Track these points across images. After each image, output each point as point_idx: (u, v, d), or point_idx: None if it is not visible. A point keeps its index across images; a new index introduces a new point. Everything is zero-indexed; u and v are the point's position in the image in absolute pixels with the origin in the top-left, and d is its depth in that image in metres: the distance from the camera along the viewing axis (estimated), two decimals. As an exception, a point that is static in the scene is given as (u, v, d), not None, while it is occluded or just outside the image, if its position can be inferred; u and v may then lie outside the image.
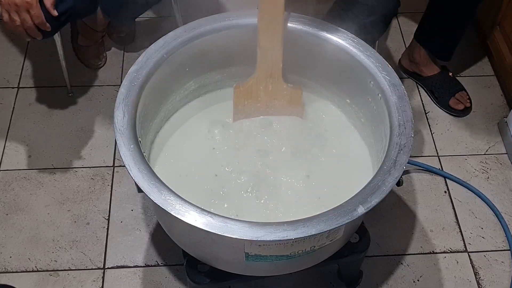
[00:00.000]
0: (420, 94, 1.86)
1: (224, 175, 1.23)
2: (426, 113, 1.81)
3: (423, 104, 1.83)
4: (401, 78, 1.19)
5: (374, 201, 0.99)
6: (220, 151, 1.27)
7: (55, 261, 1.47)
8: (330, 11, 1.49)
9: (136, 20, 1.92)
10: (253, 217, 1.16)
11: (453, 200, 1.61)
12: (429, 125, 1.78)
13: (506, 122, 1.72)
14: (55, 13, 1.33)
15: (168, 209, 0.97)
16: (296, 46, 1.29)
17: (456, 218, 1.58)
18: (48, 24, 1.34)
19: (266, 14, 1.19)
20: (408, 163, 1.06)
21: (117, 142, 1.05)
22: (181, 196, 0.99)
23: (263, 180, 1.22)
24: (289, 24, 1.26)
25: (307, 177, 1.23)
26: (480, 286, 1.45)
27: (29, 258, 1.47)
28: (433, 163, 1.68)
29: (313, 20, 1.26)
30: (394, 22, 2.06)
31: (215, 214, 0.97)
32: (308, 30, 1.25)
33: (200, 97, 1.36)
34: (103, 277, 1.45)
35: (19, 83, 1.85)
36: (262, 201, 1.18)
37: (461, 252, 1.51)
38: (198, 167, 1.24)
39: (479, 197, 1.61)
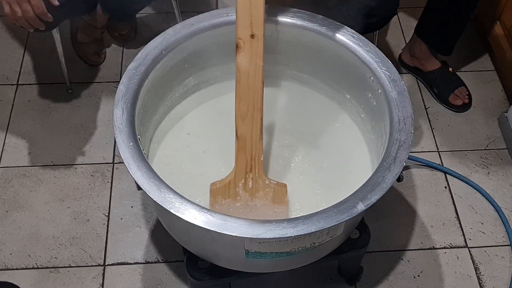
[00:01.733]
0: (420, 89, 1.85)
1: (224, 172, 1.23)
2: (426, 109, 1.80)
3: (423, 99, 1.82)
4: (401, 73, 1.19)
5: (374, 198, 0.99)
6: (218, 146, 1.27)
7: (55, 258, 1.47)
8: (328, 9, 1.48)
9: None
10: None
11: (453, 196, 1.61)
12: (429, 121, 1.77)
13: (506, 117, 1.72)
14: (55, 2, 1.34)
15: (168, 207, 0.97)
16: (295, 42, 1.28)
17: (457, 214, 1.58)
18: (49, 15, 1.34)
19: (244, 99, 1.11)
20: (408, 158, 1.06)
21: (116, 140, 1.05)
22: (181, 194, 0.99)
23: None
24: (288, 20, 1.25)
25: (306, 173, 1.23)
26: (481, 281, 1.45)
27: (29, 255, 1.47)
28: (434, 158, 1.68)
29: (312, 15, 1.26)
30: (395, 17, 2.05)
31: (215, 212, 0.97)
32: (307, 26, 1.25)
33: (199, 91, 1.36)
34: (103, 274, 1.45)
35: (18, 80, 1.85)
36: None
37: (461, 247, 1.51)
38: (198, 165, 1.24)
39: (479, 192, 1.61)
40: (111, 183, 1.61)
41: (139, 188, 1.00)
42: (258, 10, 1.13)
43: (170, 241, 1.26)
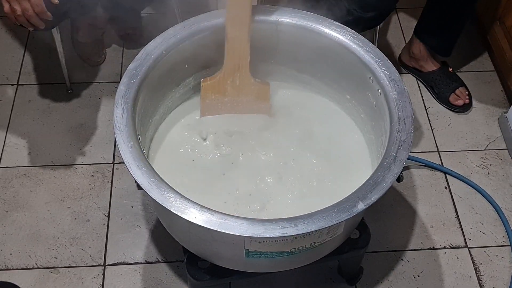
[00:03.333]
0: (420, 89, 1.85)
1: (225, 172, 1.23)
2: (426, 109, 1.80)
3: (423, 99, 1.83)
4: (401, 73, 1.19)
5: (374, 197, 0.99)
6: (219, 147, 1.27)
7: (56, 258, 1.47)
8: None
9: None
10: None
11: (453, 196, 1.61)
12: (429, 121, 1.77)
13: (506, 117, 1.72)
14: (55, 1, 1.34)
15: (168, 206, 0.97)
16: (295, 42, 1.29)
17: (457, 214, 1.58)
18: (49, 13, 1.34)
19: (234, 5, 1.19)
20: (408, 158, 1.06)
21: (117, 139, 1.05)
22: (181, 193, 0.99)
23: (263, 174, 1.22)
24: (288, 20, 1.26)
25: (307, 173, 1.23)
26: (481, 281, 1.45)
27: (29, 255, 1.47)
28: (434, 158, 1.68)
29: (312, 15, 1.26)
30: (394, 18, 2.06)
31: (215, 211, 0.97)
32: (307, 26, 1.25)
33: (199, 91, 1.36)
34: (103, 274, 1.45)
35: (18, 80, 1.85)
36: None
37: (461, 247, 1.51)
38: (197, 163, 1.24)
39: (480, 192, 1.61)
40: (111, 183, 1.61)
41: (139, 187, 1.00)
42: None
43: (170, 241, 1.26)
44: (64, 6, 1.40)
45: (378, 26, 1.72)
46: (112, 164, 1.65)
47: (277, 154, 1.25)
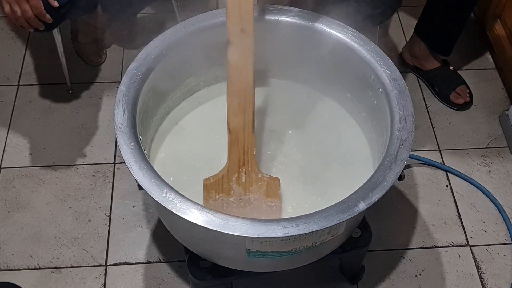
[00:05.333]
0: (421, 88, 1.85)
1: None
2: (427, 107, 1.80)
3: (424, 98, 1.82)
4: (402, 72, 1.18)
5: (375, 196, 0.99)
6: (219, 145, 1.27)
7: (57, 258, 1.47)
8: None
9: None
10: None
11: (454, 194, 1.61)
12: (430, 119, 1.77)
13: (507, 115, 1.72)
14: (55, 3, 1.35)
15: (169, 207, 0.97)
16: (296, 41, 1.28)
17: (458, 212, 1.57)
18: (48, 16, 1.35)
19: (236, 94, 1.11)
20: (409, 157, 1.06)
21: (118, 140, 1.05)
22: (182, 194, 0.99)
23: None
24: (288, 19, 1.25)
25: (308, 172, 1.23)
26: (482, 279, 1.45)
27: (31, 256, 1.48)
28: (435, 157, 1.68)
29: (313, 14, 1.26)
30: (395, 16, 2.05)
31: (216, 212, 0.97)
32: (308, 25, 1.25)
33: (199, 91, 1.36)
34: (105, 274, 1.45)
35: (19, 81, 1.85)
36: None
37: (463, 246, 1.51)
38: (199, 164, 1.24)
39: (481, 190, 1.61)
40: (113, 183, 1.61)
41: (140, 188, 1.00)
42: (248, 4, 1.13)
43: (171, 241, 1.26)
44: (64, 8, 1.40)
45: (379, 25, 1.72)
46: (113, 164, 1.65)
47: (277, 154, 1.25)
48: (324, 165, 1.24)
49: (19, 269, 1.45)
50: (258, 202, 1.13)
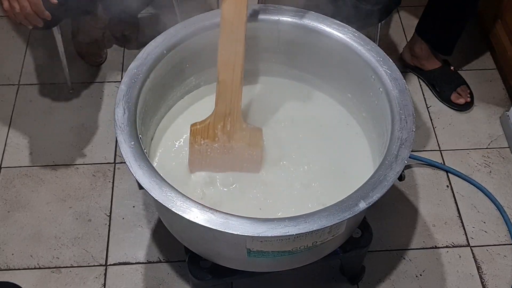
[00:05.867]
0: (421, 88, 1.85)
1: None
2: (428, 107, 1.80)
3: (424, 98, 1.82)
4: (402, 72, 1.18)
5: (375, 196, 0.99)
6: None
7: (57, 258, 1.47)
8: None
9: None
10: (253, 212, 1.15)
11: (455, 195, 1.61)
12: (431, 119, 1.77)
13: (508, 115, 1.72)
14: (54, 0, 1.35)
15: (169, 206, 0.97)
16: (296, 41, 1.28)
17: (459, 213, 1.57)
18: (47, 13, 1.35)
19: (227, 47, 1.14)
20: (410, 157, 1.06)
21: (118, 139, 1.05)
22: (182, 193, 0.99)
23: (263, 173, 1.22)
24: (288, 18, 1.25)
25: (308, 172, 1.23)
26: (483, 280, 1.45)
27: (31, 255, 1.47)
28: (435, 157, 1.68)
29: (312, 14, 1.26)
30: (396, 16, 2.05)
31: (216, 211, 0.97)
32: (308, 25, 1.25)
33: (199, 90, 1.36)
34: (105, 274, 1.45)
35: (19, 80, 1.85)
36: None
37: (463, 246, 1.51)
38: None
39: (482, 191, 1.61)
40: (113, 183, 1.61)
41: (140, 187, 1.00)
42: None
43: (172, 241, 1.26)
44: (63, 6, 1.40)
45: (380, 24, 1.72)
46: (114, 164, 1.65)
47: (277, 154, 1.25)
48: (323, 164, 1.24)
49: (19, 269, 1.45)
50: (240, 150, 1.20)
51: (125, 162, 1.02)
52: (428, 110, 1.79)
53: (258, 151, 1.21)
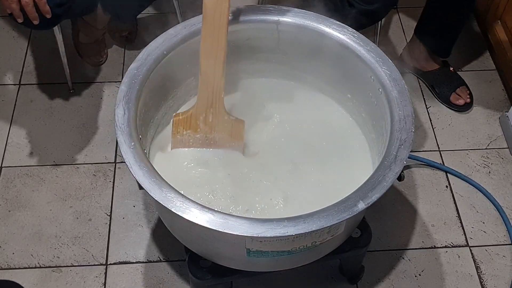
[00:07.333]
0: (421, 89, 1.85)
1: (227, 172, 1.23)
2: (427, 108, 1.80)
3: (424, 99, 1.83)
4: (402, 72, 1.19)
5: (374, 196, 0.99)
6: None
7: (58, 257, 1.48)
8: None
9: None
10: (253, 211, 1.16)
11: (454, 195, 1.61)
12: (430, 120, 1.77)
13: (507, 116, 1.72)
14: None
15: (169, 206, 0.97)
16: (296, 41, 1.29)
17: (458, 213, 1.58)
18: (47, 7, 1.33)
19: (209, 37, 1.14)
20: (409, 158, 1.07)
21: (118, 140, 1.05)
22: (182, 193, 1.00)
23: (264, 174, 1.22)
24: (288, 19, 1.26)
25: (307, 172, 1.23)
26: (482, 280, 1.46)
27: (31, 255, 1.48)
28: (435, 157, 1.68)
29: (312, 15, 1.26)
30: (395, 17, 2.06)
31: (216, 211, 0.97)
32: (307, 25, 1.25)
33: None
34: (105, 273, 1.45)
35: (20, 80, 1.85)
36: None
37: (462, 246, 1.51)
38: (199, 163, 1.24)
39: (481, 191, 1.61)
40: (113, 182, 1.62)
41: (140, 187, 1.01)
42: None
43: (172, 240, 1.26)
44: (63, 6, 1.39)
45: (380, 24, 1.72)
46: (114, 164, 1.65)
47: (277, 153, 1.26)
48: (323, 165, 1.24)
49: (19, 268, 1.46)
50: (222, 141, 1.22)
51: (125, 162, 1.02)
52: (427, 110, 1.80)
53: (239, 142, 1.23)
